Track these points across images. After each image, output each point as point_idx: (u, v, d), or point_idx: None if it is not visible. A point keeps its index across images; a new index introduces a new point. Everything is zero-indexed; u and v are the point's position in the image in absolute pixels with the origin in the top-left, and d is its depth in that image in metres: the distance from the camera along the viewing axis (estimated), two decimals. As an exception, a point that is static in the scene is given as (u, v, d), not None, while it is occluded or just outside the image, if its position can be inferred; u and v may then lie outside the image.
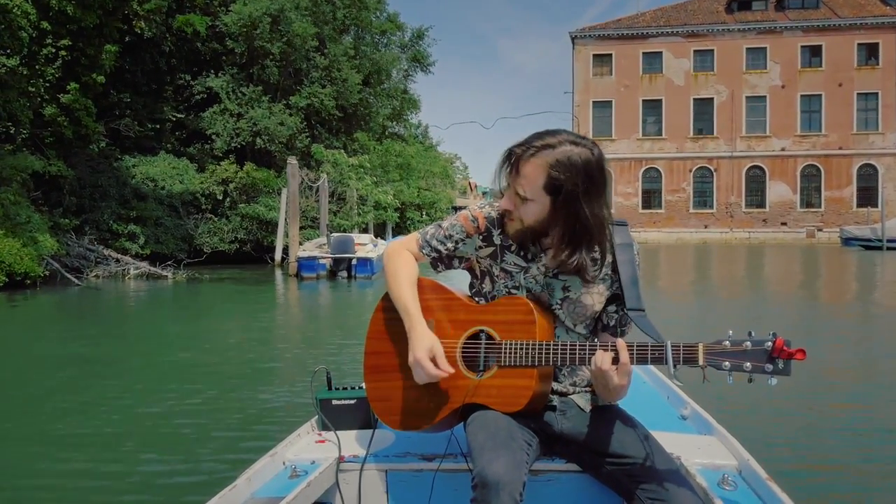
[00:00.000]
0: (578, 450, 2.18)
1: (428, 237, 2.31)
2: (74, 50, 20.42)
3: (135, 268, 19.59)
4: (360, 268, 19.83)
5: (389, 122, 42.86)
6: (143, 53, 27.14)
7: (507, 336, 2.10)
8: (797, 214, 51.20)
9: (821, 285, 20.17)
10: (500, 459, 1.86)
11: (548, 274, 2.19)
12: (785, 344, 1.85)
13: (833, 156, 51.10)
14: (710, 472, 2.19)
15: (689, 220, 52.34)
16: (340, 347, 8.92)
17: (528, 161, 2.03)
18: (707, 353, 1.92)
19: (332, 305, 15.76)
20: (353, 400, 2.56)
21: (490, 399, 2.09)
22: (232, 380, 7.05)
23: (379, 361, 2.29)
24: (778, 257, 33.53)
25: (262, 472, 2.22)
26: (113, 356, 8.73)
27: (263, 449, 2.45)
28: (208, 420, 5.55)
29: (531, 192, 2.05)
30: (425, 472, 2.24)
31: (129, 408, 5.98)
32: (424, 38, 40.64)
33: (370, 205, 31.06)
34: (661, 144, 53.21)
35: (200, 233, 25.87)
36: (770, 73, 51.92)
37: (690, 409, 2.82)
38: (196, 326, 11.70)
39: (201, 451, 4.82)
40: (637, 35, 53.62)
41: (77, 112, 20.56)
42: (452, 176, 55.26)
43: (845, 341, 9.73)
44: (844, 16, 51.27)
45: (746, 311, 13.14)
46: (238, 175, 26.78)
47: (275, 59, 29.72)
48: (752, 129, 52.19)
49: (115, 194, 23.83)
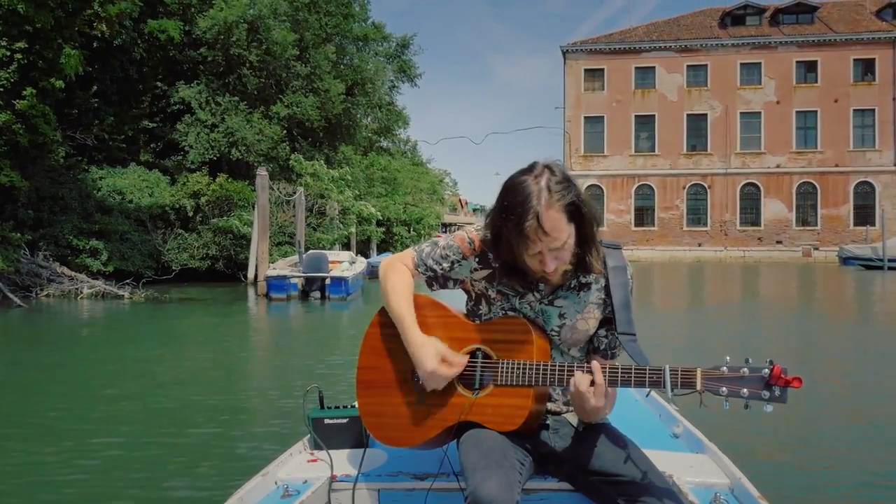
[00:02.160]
0: (571, 469, 2.19)
1: (423, 255, 2.29)
2: (31, 53, 18.99)
3: (89, 286, 17.99)
4: (333, 288, 18.28)
5: (377, 137, 41.92)
6: (111, 60, 25.73)
7: (504, 355, 2.12)
8: (793, 233, 50.59)
9: (825, 306, 19.13)
10: (493, 479, 1.87)
11: (542, 301, 2.21)
12: (782, 372, 1.87)
13: (829, 173, 50.82)
14: (702, 491, 2.22)
15: (683, 238, 51.71)
16: (302, 376, 7.52)
17: (545, 218, 1.98)
18: (705, 379, 1.93)
19: (299, 330, 14.26)
20: (345, 419, 2.57)
21: (485, 417, 2.10)
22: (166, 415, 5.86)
23: (373, 377, 2.28)
24: (775, 276, 32.68)
25: (253, 492, 2.22)
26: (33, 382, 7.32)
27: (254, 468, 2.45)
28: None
29: (565, 233, 2.03)
30: (418, 491, 2.25)
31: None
32: (410, 46, 39.38)
33: (352, 219, 29.68)
34: (654, 161, 52.84)
35: (168, 249, 24.33)
36: (765, 89, 51.56)
37: (683, 428, 2.83)
38: (138, 351, 10.22)
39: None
40: (629, 49, 53.17)
41: (34, 119, 19.04)
42: (441, 192, 54.11)
43: (846, 361, 9.67)
44: (840, 31, 50.91)
45: (747, 334, 12.51)
46: (210, 187, 25.31)
47: (252, 67, 28.40)
48: (747, 146, 51.94)
49: (76, 207, 22.32)
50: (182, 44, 27.92)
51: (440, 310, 2.23)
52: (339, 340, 11.99)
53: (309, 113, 29.31)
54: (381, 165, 37.43)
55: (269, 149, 28.18)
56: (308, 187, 27.17)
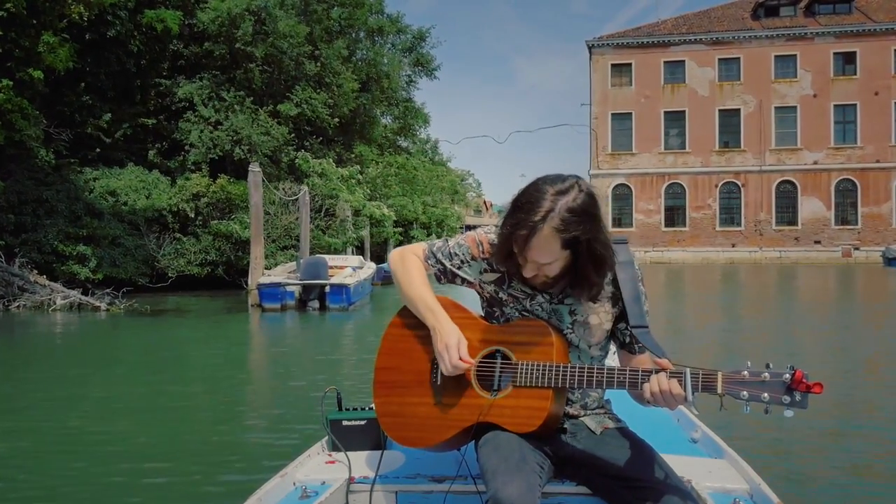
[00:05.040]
0: (588, 473, 2.16)
1: (434, 249, 2.27)
2: (6, 41, 17.47)
3: (63, 297, 16.34)
4: (333, 296, 16.43)
5: (396, 136, 40.24)
6: (106, 53, 24.15)
7: (523, 357, 2.09)
8: (832, 232, 48.47)
9: (871, 311, 16.97)
10: (514, 482, 1.85)
11: (553, 301, 2.18)
12: (804, 377, 1.83)
13: (870, 169, 48.89)
14: (721, 496, 2.18)
15: (716, 239, 49.72)
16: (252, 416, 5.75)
17: (536, 237, 1.94)
18: (726, 382, 1.90)
19: (291, 347, 12.44)
20: (363, 421, 2.53)
21: (504, 419, 2.07)
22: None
23: (391, 377, 2.24)
24: (816, 279, 30.56)
25: (272, 493, 2.20)
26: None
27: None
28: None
29: (550, 257, 2.00)
30: (435, 493, 2.22)
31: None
32: (427, 38, 37.58)
33: (364, 220, 27.92)
34: (684, 158, 51.05)
35: (164, 254, 22.67)
36: (801, 82, 49.63)
37: (701, 433, 2.79)
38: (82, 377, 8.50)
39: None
40: (658, 43, 51.28)
41: (10, 114, 17.53)
42: (463, 192, 52.19)
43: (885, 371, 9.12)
44: (879, 20, 48.76)
45: (783, 343, 11.41)
46: (211, 189, 23.67)
47: (258, 62, 26.76)
48: (782, 142, 50.01)
49: (63, 210, 20.74)
50: (183, 36, 26.38)
51: (460, 311, 2.19)
52: (327, 362, 10.10)
53: (319, 110, 27.65)
54: (398, 164, 35.63)
55: (275, 149, 26.54)
56: (315, 187, 25.47)
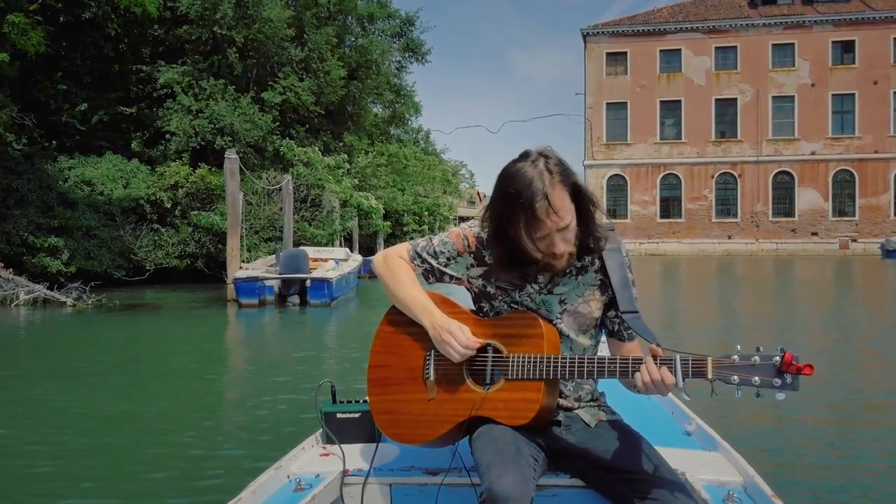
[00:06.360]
0: (583, 465, 2.16)
1: (419, 249, 2.26)
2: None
3: (26, 291, 15.48)
4: (314, 292, 15.55)
5: (387, 126, 39.34)
6: (81, 36, 23.23)
7: (514, 349, 2.09)
8: (829, 224, 47.96)
9: (874, 305, 16.31)
10: (508, 475, 1.85)
11: (542, 291, 2.17)
12: (793, 359, 1.83)
13: (868, 160, 48.44)
14: (715, 489, 2.17)
15: (712, 231, 49.22)
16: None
17: (554, 197, 1.96)
18: (716, 367, 1.90)
19: (266, 348, 11.59)
20: (357, 413, 2.52)
21: (497, 412, 2.07)
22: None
23: (384, 374, 2.23)
24: (814, 271, 29.92)
25: (266, 486, 2.19)
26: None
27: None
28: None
29: (570, 214, 2.01)
30: (430, 486, 2.22)
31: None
32: (416, 23, 36.69)
33: (351, 212, 27.03)
34: (680, 149, 50.52)
35: (140, 246, 21.79)
36: (798, 71, 49.10)
37: (695, 425, 2.79)
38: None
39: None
40: (654, 31, 50.64)
41: (-27, 99, 16.69)
42: (455, 183, 51.31)
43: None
44: (879, 8, 48.37)
45: (789, 336, 10.91)
46: (190, 179, 22.79)
47: (239, 48, 25.83)
48: (780, 132, 49.52)
49: (34, 200, 19.84)
50: (165, 20, 25.45)
51: (451, 306, 2.19)
52: (301, 364, 9.24)
53: (304, 98, 26.75)
54: (388, 153, 34.71)
55: (259, 138, 25.65)
56: (301, 177, 24.60)
